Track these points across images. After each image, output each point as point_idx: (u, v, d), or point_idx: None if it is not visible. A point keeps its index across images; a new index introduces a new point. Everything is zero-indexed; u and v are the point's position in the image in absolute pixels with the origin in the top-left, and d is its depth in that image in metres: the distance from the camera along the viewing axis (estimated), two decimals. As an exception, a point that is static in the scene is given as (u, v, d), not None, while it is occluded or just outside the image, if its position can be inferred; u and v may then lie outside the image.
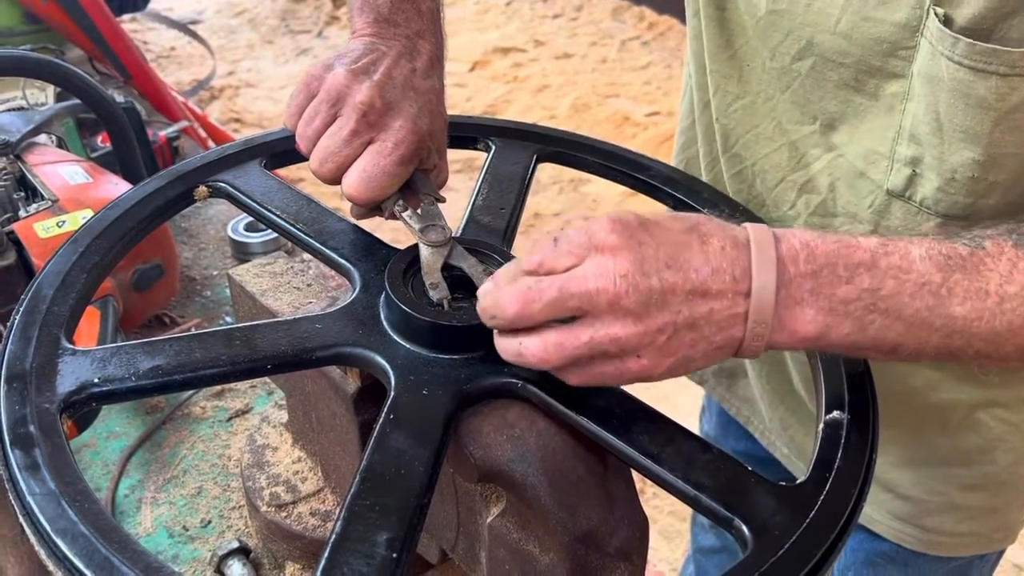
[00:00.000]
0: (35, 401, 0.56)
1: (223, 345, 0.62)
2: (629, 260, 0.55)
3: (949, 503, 0.96)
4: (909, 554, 1.01)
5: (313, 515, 0.80)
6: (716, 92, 0.90)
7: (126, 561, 0.48)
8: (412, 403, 0.59)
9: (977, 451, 0.92)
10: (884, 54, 0.72)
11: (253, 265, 0.84)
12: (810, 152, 0.83)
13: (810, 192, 0.85)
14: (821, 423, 0.62)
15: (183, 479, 0.97)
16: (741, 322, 0.56)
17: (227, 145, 0.82)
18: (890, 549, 1.02)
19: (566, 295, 0.55)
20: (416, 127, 0.72)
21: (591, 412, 0.59)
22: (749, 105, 0.86)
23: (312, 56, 4.70)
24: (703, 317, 0.56)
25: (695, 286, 0.55)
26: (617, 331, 0.55)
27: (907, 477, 0.96)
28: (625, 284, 0.54)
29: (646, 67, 4.50)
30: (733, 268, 0.56)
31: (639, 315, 0.55)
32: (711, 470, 0.57)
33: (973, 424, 0.90)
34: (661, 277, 0.55)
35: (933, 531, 0.98)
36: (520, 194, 0.81)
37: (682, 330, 0.56)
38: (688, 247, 0.56)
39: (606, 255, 0.56)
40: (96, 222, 0.71)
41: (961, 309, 0.57)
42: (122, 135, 1.27)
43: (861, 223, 0.82)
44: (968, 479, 0.94)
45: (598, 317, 0.55)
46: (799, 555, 0.53)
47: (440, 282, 0.67)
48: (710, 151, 0.96)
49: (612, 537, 0.60)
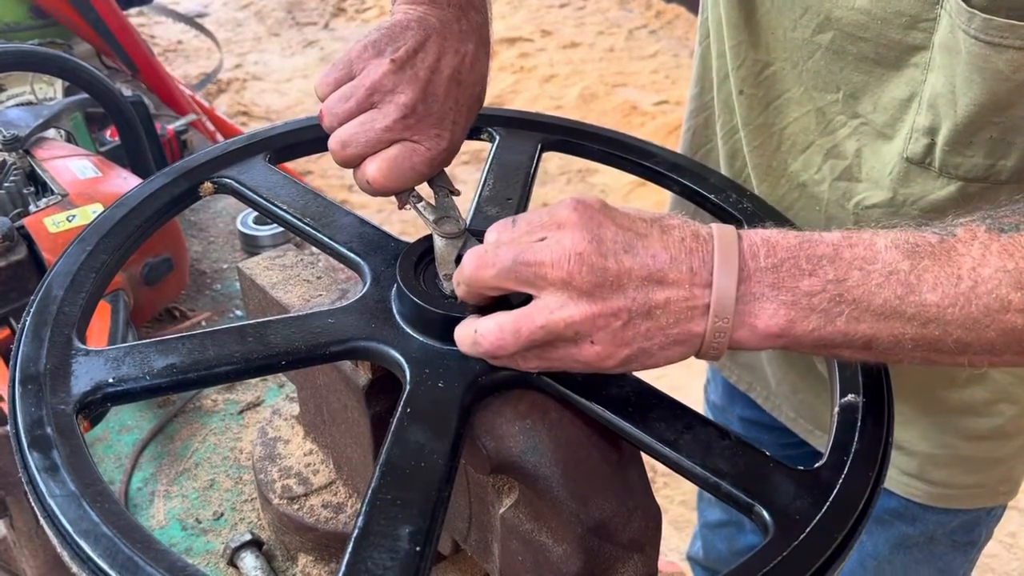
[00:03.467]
0: (51, 402, 0.56)
1: (236, 342, 0.62)
2: (586, 240, 0.54)
3: (956, 455, 0.97)
4: (917, 509, 1.03)
5: (325, 507, 0.80)
6: (742, 63, 0.90)
7: (150, 561, 0.48)
8: (428, 396, 0.59)
9: (983, 403, 0.93)
10: (904, 27, 0.73)
11: (263, 258, 0.84)
12: (836, 119, 0.84)
13: (836, 157, 0.85)
14: (836, 406, 0.62)
15: (195, 472, 0.97)
16: (700, 316, 0.55)
17: (231, 140, 0.82)
18: (899, 505, 1.04)
19: (519, 263, 0.55)
20: (453, 137, 0.71)
21: (606, 400, 0.59)
22: (779, 71, 0.87)
23: (319, 49, 4.69)
24: (659, 306, 0.55)
25: (651, 272, 0.55)
26: (571, 312, 0.54)
27: (915, 431, 0.97)
28: (580, 263, 0.54)
29: (654, 56, 4.48)
30: (691, 259, 0.55)
31: (592, 296, 0.54)
32: (730, 456, 0.57)
33: (980, 378, 0.92)
34: (618, 260, 0.54)
35: (941, 484, 1.00)
36: (526, 184, 0.81)
37: (637, 317, 0.55)
38: (647, 236, 0.56)
39: (564, 232, 0.55)
40: (103, 220, 0.71)
41: (933, 296, 0.55)
42: (130, 129, 1.27)
43: (882, 189, 0.82)
44: (974, 431, 0.96)
45: (553, 296, 0.55)
46: (820, 539, 0.53)
47: (454, 272, 0.66)
48: (730, 120, 0.96)
49: (625, 527, 0.60)
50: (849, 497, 0.56)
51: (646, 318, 0.55)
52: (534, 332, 0.55)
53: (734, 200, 0.81)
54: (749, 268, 0.55)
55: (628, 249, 0.55)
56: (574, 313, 0.54)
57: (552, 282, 0.54)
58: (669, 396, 0.61)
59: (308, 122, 0.84)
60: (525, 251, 0.55)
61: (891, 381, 0.65)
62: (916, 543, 1.06)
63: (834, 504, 0.55)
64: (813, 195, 0.89)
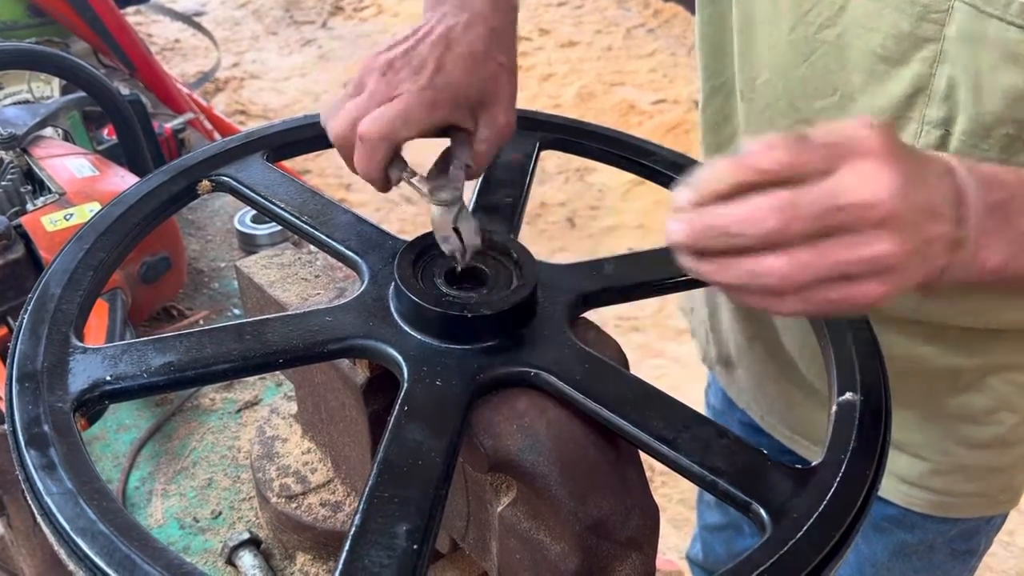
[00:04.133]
0: (48, 400, 0.56)
1: (234, 340, 0.62)
2: (901, 171, 0.50)
3: (957, 464, 0.97)
4: (917, 517, 1.02)
5: (323, 506, 0.80)
6: (740, 68, 0.90)
7: (147, 559, 0.48)
8: (426, 394, 0.59)
9: (984, 411, 0.93)
10: (916, 17, 0.72)
11: (261, 256, 0.84)
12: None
13: None
14: (834, 405, 0.62)
15: (193, 471, 0.97)
16: (950, 250, 0.53)
17: (229, 139, 0.82)
18: (897, 513, 1.03)
19: (834, 208, 0.49)
20: (435, 92, 0.68)
21: (605, 398, 0.59)
22: (767, 82, 0.87)
23: (317, 47, 4.69)
24: (938, 239, 0.52)
25: (933, 206, 0.52)
26: (882, 249, 0.50)
27: (916, 439, 0.97)
28: (902, 198, 0.49)
29: (652, 55, 4.48)
30: (951, 193, 0.53)
31: (906, 233, 0.50)
32: (728, 455, 0.57)
33: (982, 386, 0.91)
34: (928, 194, 0.51)
35: (942, 492, 0.99)
36: (524, 182, 0.81)
37: (937, 246, 0.52)
38: (926, 166, 0.53)
39: (873, 162, 0.50)
40: (100, 219, 0.71)
41: None
42: (128, 127, 1.27)
43: None
44: (975, 439, 0.95)
45: (861, 233, 0.50)
46: (817, 537, 0.53)
47: (451, 235, 0.66)
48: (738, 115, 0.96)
49: (623, 526, 0.60)
50: (847, 495, 0.56)
51: (927, 250, 0.52)
52: (827, 269, 0.50)
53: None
54: (986, 204, 0.54)
55: (923, 182, 0.52)
56: (884, 251, 0.50)
57: (868, 220, 0.50)
58: (667, 394, 0.61)
59: (306, 120, 0.84)
60: (841, 194, 0.50)
61: (888, 379, 0.65)
62: (915, 551, 1.06)
63: (831, 502, 0.55)
64: None
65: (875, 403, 0.62)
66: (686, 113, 3.81)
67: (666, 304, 2.98)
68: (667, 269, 0.72)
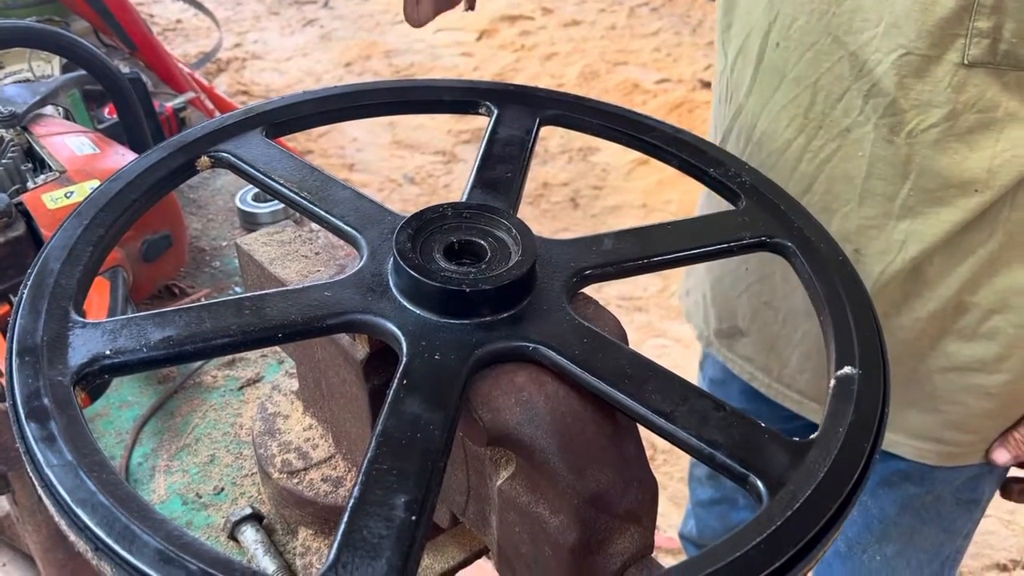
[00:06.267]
0: (48, 374, 0.56)
1: (233, 315, 0.62)
2: None
3: (965, 412, 1.00)
4: (926, 469, 1.05)
5: (325, 481, 0.80)
6: (774, 23, 0.92)
7: (147, 529, 0.48)
8: (425, 368, 0.59)
9: (994, 359, 0.95)
10: None
11: (261, 234, 0.84)
12: (871, 58, 0.85)
13: (877, 96, 0.87)
14: (832, 378, 0.62)
15: (196, 447, 0.98)
16: None
17: (227, 115, 0.82)
18: (906, 466, 1.06)
19: None
20: None
21: (603, 372, 0.59)
22: (804, 25, 0.88)
23: (319, 27, 4.67)
24: None
25: None
26: None
27: (926, 389, 0.99)
28: None
29: (655, 34, 4.45)
30: None
31: None
32: (725, 427, 0.57)
33: (990, 332, 0.94)
34: None
35: (951, 443, 1.02)
36: (524, 158, 0.81)
37: None
38: None
39: None
40: (99, 195, 0.71)
41: None
42: (128, 106, 1.26)
43: (937, 107, 0.84)
44: (984, 387, 0.98)
45: None
46: (814, 508, 0.53)
47: None
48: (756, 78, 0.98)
49: (622, 499, 0.60)
50: (844, 468, 0.56)
51: None
52: None
53: (732, 174, 0.81)
54: None
55: None
56: None
57: None
58: (665, 368, 0.61)
59: (305, 96, 0.83)
60: None
61: (887, 353, 0.65)
62: (923, 503, 1.09)
63: (828, 475, 0.55)
64: (856, 140, 0.90)
65: (873, 377, 0.62)
66: (690, 92, 3.80)
67: (669, 284, 2.98)
68: (668, 244, 0.72)
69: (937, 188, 0.88)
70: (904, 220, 0.91)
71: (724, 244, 0.73)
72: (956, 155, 0.86)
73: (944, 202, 0.89)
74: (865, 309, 0.67)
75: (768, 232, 0.74)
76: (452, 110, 0.86)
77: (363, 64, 4.38)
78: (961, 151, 0.86)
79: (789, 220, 0.74)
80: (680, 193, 3.33)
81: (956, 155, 0.86)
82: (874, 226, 0.93)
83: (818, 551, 0.51)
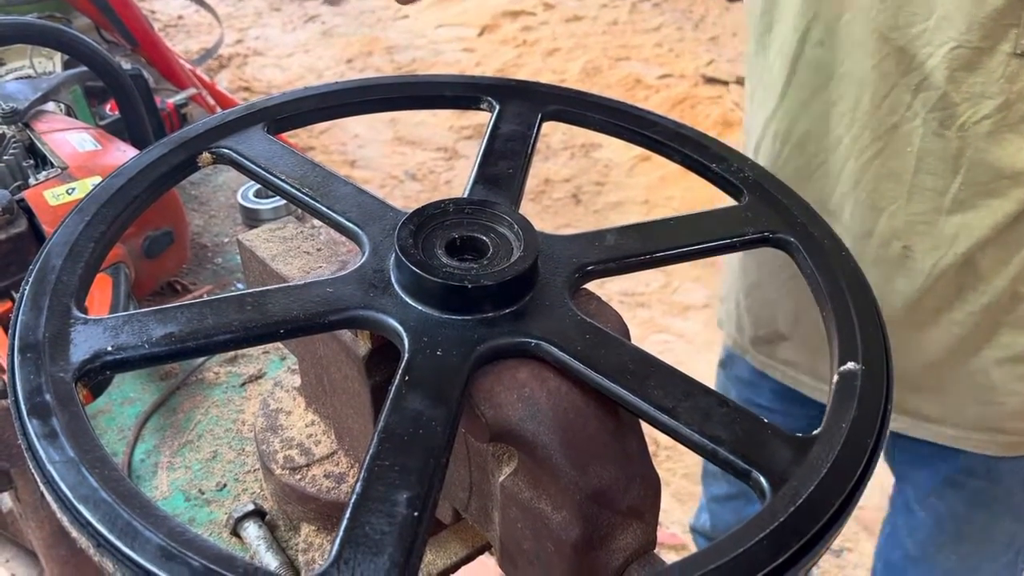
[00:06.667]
0: (50, 370, 0.56)
1: (235, 311, 0.62)
2: None
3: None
4: (991, 462, 1.05)
5: (327, 477, 0.80)
6: (814, 20, 0.92)
7: (149, 526, 0.48)
8: (427, 364, 0.59)
9: None
10: None
11: (263, 230, 0.84)
12: (920, 52, 0.85)
13: (927, 90, 0.87)
14: (835, 374, 0.62)
15: (198, 444, 0.98)
16: None
17: (229, 111, 0.81)
18: (970, 462, 1.06)
19: None
20: None
21: (606, 368, 0.59)
22: (849, 22, 0.88)
23: (320, 23, 4.67)
24: None
25: None
26: None
27: (984, 381, 1.00)
28: None
29: (658, 29, 4.45)
30: None
31: None
32: (727, 423, 0.57)
33: None
34: None
35: (1013, 433, 1.03)
36: (525, 154, 0.80)
37: None
38: None
39: None
40: (101, 191, 0.71)
41: None
42: (130, 102, 1.26)
43: (990, 98, 0.84)
44: None
45: None
46: (817, 505, 0.53)
47: None
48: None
49: (624, 495, 0.60)
50: (847, 464, 0.56)
51: None
52: None
53: (735, 169, 0.81)
54: None
55: None
56: None
57: None
58: (668, 364, 0.61)
59: (307, 92, 0.83)
60: None
61: (890, 348, 0.65)
62: (993, 497, 1.08)
63: (831, 471, 0.55)
64: (904, 135, 0.89)
65: (876, 372, 0.62)
66: (692, 87, 3.79)
67: (671, 280, 2.98)
68: (670, 240, 0.72)
69: (990, 180, 0.88)
70: (955, 214, 0.91)
71: (727, 239, 0.73)
72: (1010, 146, 0.85)
73: (996, 193, 0.88)
74: (868, 304, 0.67)
75: (771, 227, 0.73)
76: (454, 105, 0.86)
77: (365, 60, 4.38)
78: (1015, 141, 0.85)
79: (792, 215, 0.74)
80: (682, 189, 3.33)
81: (1010, 146, 0.85)
82: (924, 222, 0.93)
83: (821, 547, 0.51)
